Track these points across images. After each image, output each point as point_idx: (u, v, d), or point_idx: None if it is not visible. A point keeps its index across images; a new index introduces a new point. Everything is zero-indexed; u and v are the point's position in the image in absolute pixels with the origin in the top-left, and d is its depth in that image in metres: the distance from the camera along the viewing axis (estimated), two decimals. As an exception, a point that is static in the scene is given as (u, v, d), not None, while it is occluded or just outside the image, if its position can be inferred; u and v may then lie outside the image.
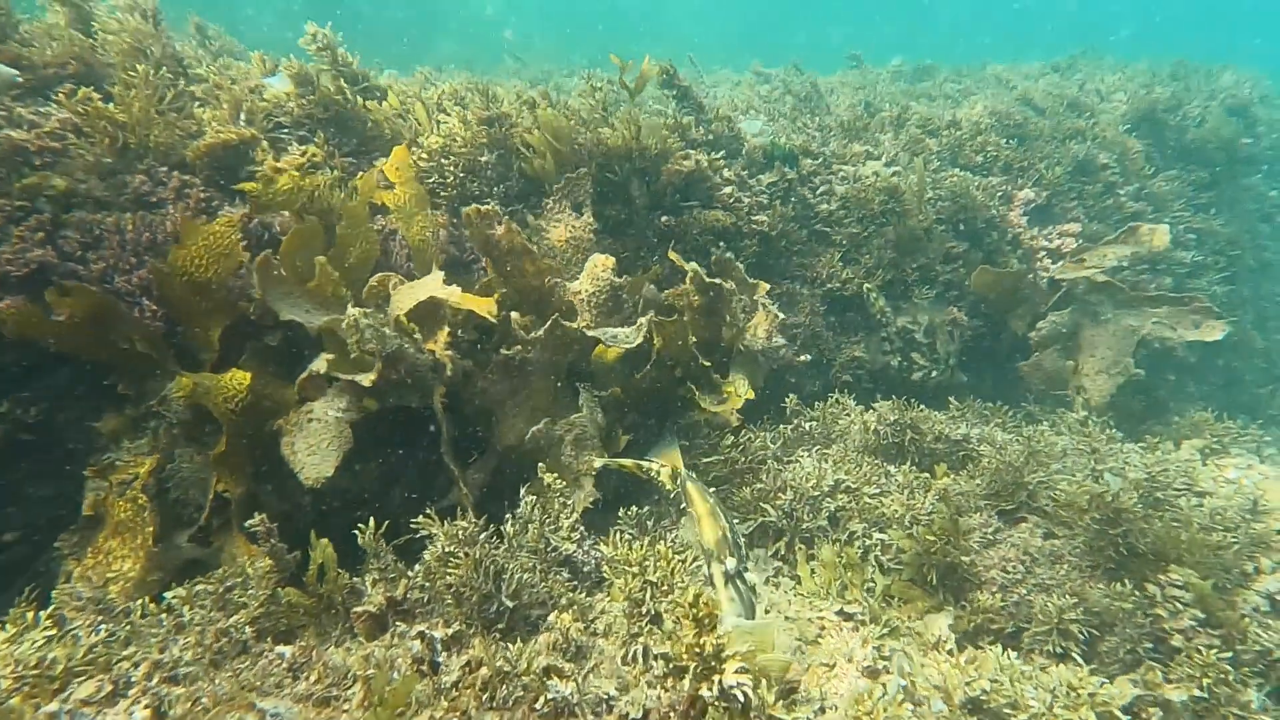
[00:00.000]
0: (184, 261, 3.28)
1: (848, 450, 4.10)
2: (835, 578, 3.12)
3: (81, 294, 3.13)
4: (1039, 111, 7.05)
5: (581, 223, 4.35)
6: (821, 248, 5.46)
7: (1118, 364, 5.32)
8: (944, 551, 3.24)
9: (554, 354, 4.11)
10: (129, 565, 3.33)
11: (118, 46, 3.87)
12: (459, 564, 2.65)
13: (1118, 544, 3.13)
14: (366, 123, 4.29)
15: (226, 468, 3.49)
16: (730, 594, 2.39)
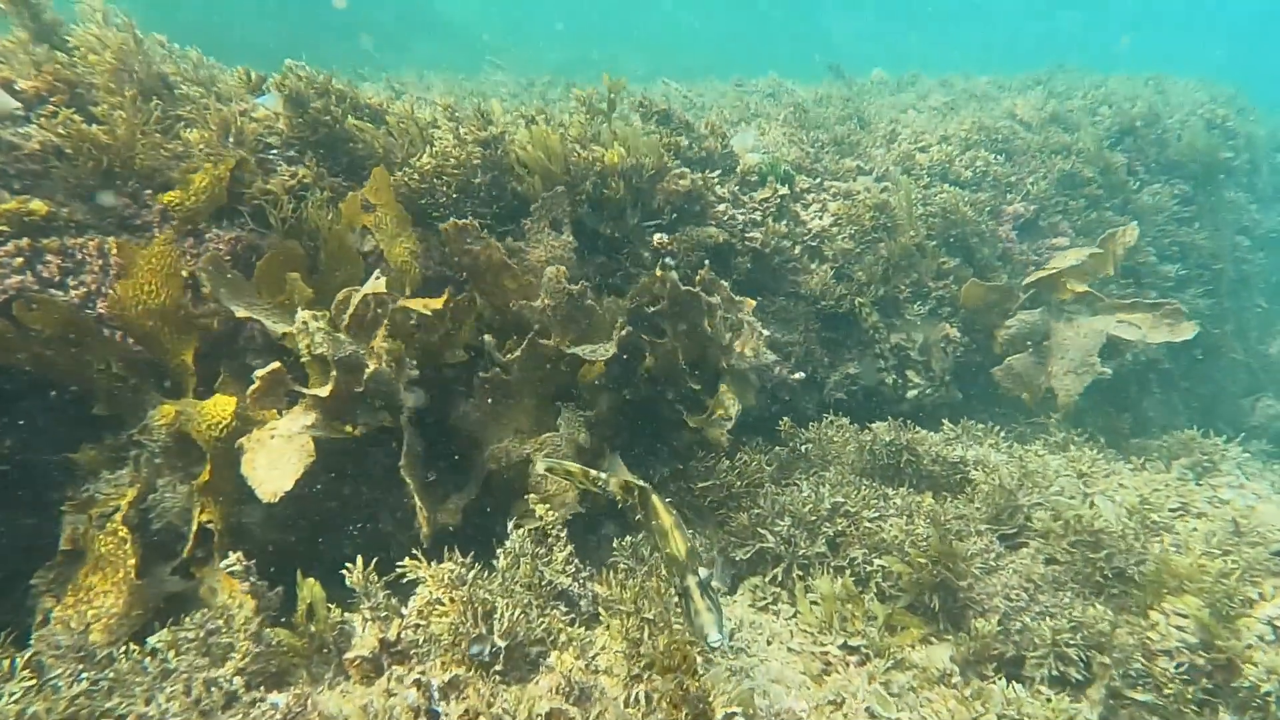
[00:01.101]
0: (133, 291, 3.20)
1: (845, 473, 4.08)
2: (835, 610, 3.09)
3: (50, 308, 3.04)
4: (1025, 126, 7.13)
5: (561, 242, 4.29)
6: (815, 264, 5.46)
7: (1085, 364, 5.36)
8: (939, 576, 3.24)
9: (535, 374, 4.05)
10: (111, 601, 3.23)
11: (101, 66, 3.76)
12: (446, 609, 2.59)
13: (1107, 570, 3.14)
14: (357, 142, 4.21)
15: (210, 497, 3.40)
16: (707, 604, 2.36)
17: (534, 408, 4.15)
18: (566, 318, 4.01)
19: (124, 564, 3.23)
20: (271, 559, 3.78)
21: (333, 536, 4.02)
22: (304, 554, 3.92)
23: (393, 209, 3.88)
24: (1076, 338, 5.52)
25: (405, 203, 4.19)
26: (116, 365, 3.32)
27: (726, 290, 4.66)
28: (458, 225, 3.92)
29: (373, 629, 2.58)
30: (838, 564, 3.61)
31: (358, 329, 3.41)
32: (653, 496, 2.53)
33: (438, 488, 4.20)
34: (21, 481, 3.37)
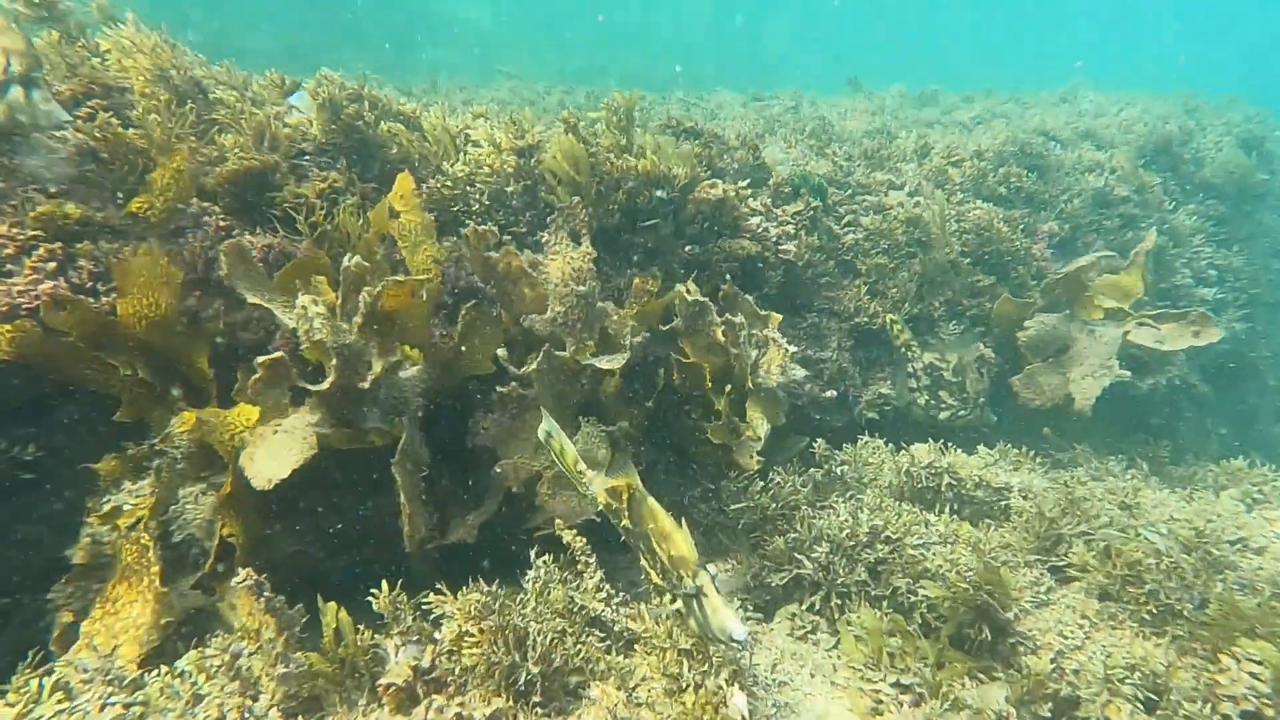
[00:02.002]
0: (133, 307, 3.11)
1: (883, 497, 3.96)
2: (883, 645, 2.97)
3: (78, 309, 2.96)
4: (1058, 142, 7.02)
5: (580, 253, 4.20)
6: (848, 280, 5.36)
7: (1104, 368, 5.23)
8: (984, 604, 3.11)
9: (554, 387, 3.96)
10: (138, 611, 3.14)
11: (136, 69, 3.72)
12: (476, 640, 2.49)
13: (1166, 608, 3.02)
14: (390, 148, 4.16)
15: (233, 510, 3.32)
16: (723, 599, 2.27)
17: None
18: (579, 322, 3.91)
19: (148, 572, 3.14)
20: (295, 575, 3.70)
21: (357, 553, 3.94)
22: (328, 570, 3.84)
23: (417, 215, 3.80)
24: (1096, 344, 5.40)
25: (437, 210, 4.13)
26: (142, 371, 3.25)
27: (751, 305, 4.56)
28: (477, 232, 3.85)
29: (404, 656, 2.48)
30: (879, 593, 3.49)
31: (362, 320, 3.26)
32: (648, 500, 2.42)
33: (455, 502, 4.12)
34: (46, 489, 3.30)
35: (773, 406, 4.48)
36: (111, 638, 2.88)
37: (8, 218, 2.99)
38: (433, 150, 4.23)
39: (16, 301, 2.96)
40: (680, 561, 2.31)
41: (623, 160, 4.52)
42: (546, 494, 3.72)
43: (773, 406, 4.48)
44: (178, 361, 3.40)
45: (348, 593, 3.83)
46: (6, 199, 3.01)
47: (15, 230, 3.00)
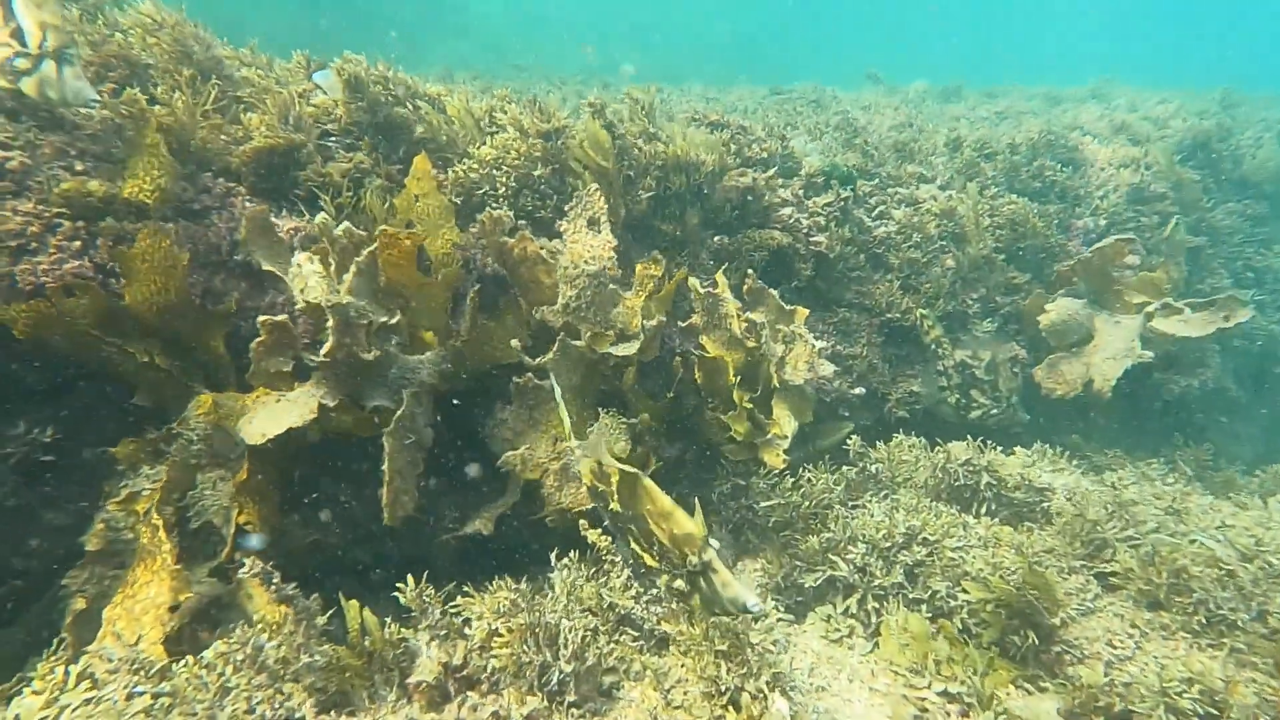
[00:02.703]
0: (141, 294, 3.02)
1: (919, 497, 3.84)
2: (929, 650, 2.86)
3: (88, 294, 2.88)
4: (1092, 136, 6.85)
5: (600, 241, 4.09)
6: (879, 274, 5.23)
7: (1126, 351, 5.07)
8: (1027, 608, 3.00)
9: (572, 377, 3.86)
10: (155, 590, 3.07)
11: (158, 46, 3.63)
12: (505, 640, 2.40)
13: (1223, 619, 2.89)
14: (415, 130, 4.05)
15: (249, 497, 3.24)
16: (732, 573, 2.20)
17: (575, 414, 3.95)
18: (591, 304, 3.81)
19: (160, 551, 3.06)
20: (314, 565, 3.63)
21: (376, 545, 3.86)
22: (348, 560, 3.77)
23: (436, 198, 3.69)
24: (1119, 332, 5.25)
25: (464, 194, 4.03)
26: (158, 357, 3.16)
27: (776, 299, 4.45)
28: (492, 217, 3.75)
29: (435, 652, 2.39)
30: (916, 596, 3.38)
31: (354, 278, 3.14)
32: (644, 479, 2.30)
33: (475, 493, 4.04)
34: (66, 473, 3.23)
35: (801, 403, 4.37)
36: (133, 621, 2.81)
37: (33, 195, 2.91)
38: (459, 134, 4.13)
39: (41, 280, 2.88)
40: (685, 539, 2.22)
41: (651, 146, 4.41)
42: (553, 486, 3.63)
43: (801, 403, 4.37)
44: (193, 345, 3.32)
45: (368, 583, 3.78)
46: (32, 175, 2.93)
47: (40, 208, 2.92)
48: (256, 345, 3.07)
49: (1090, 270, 5.33)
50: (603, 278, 3.84)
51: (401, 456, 3.18)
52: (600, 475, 2.39)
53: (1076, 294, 5.41)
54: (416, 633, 2.63)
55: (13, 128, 2.94)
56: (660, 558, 2.30)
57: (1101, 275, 5.36)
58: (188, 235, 3.29)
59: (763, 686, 2.36)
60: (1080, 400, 5.34)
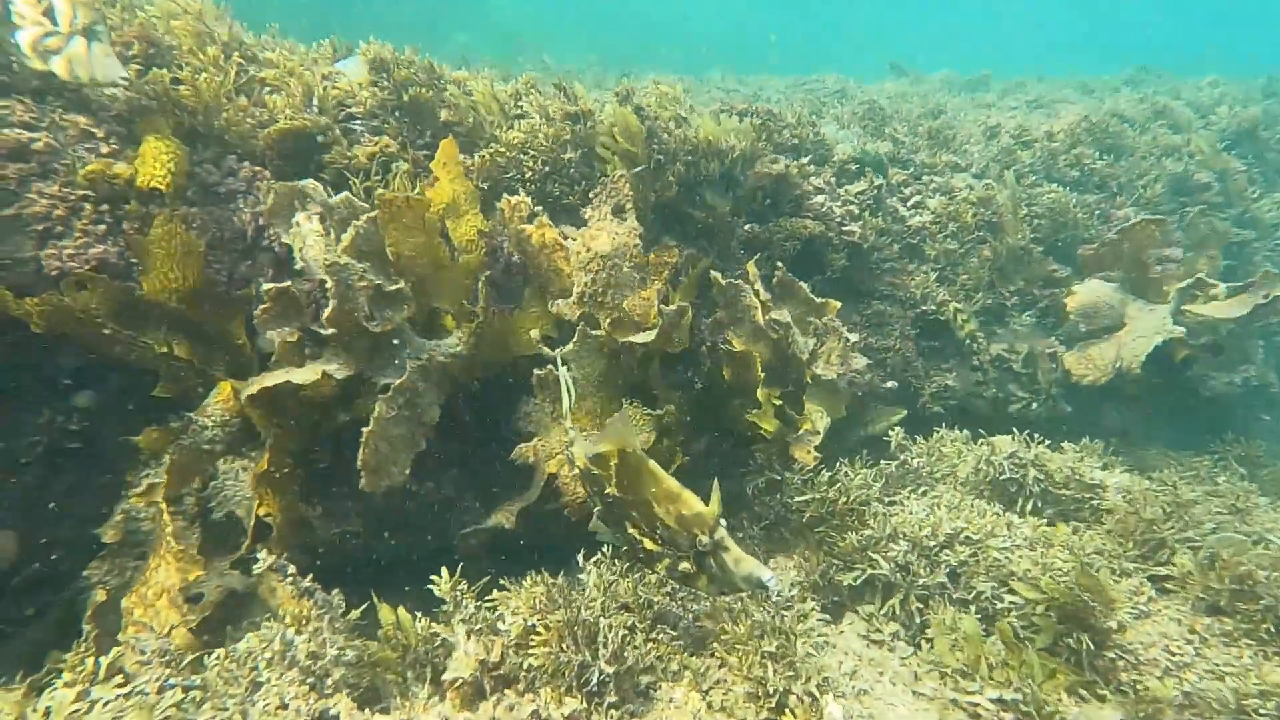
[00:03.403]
0: (158, 282, 2.94)
1: (963, 494, 3.70)
2: (982, 653, 2.73)
3: (101, 288, 2.81)
4: (1131, 124, 6.62)
5: (625, 228, 3.97)
6: (914, 264, 5.08)
7: (1158, 329, 4.89)
8: (1082, 612, 2.86)
9: (594, 368, 3.76)
10: (164, 574, 3.01)
11: (183, 28, 3.56)
12: (543, 639, 2.30)
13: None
14: (442, 113, 3.96)
15: (270, 488, 3.16)
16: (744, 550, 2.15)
17: (598, 406, 3.85)
18: (608, 288, 3.70)
19: (165, 534, 3.00)
20: (336, 558, 3.56)
21: (400, 536, 3.79)
22: (373, 553, 3.70)
23: (461, 183, 3.59)
24: (1153, 315, 5.05)
25: (491, 179, 3.93)
26: (178, 347, 3.09)
27: (805, 292, 4.32)
28: (511, 204, 3.65)
29: (472, 648, 2.30)
30: (960, 596, 3.25)
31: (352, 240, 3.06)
32: (648, 463, 2.20)
33: (500, 486, 3.96)
34: (91, 462, 3.18)
35: (834, 398, 4.24)
36: (148, 608, 2.75)
37: (59, 177, 2.85)
38: (485, 118, 4.03)
39: (67, 265, 2.82)
40: (695, 519, 2.14)
41: (681, 130, 4.28)
42: (570, 477, 3.53)
43: (834, 398, 4.24)
44: (213, 333, 3.25)
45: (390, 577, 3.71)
46: (58, 157, 2.87)
47: (65, 190, 2.86)
48: (260, 312, 2.99)
49: (1123, 256, 5.14)
50: (617, 258, 3.73)
51: (392, 425, 3.05)
52: (597, 459, 2.28)
53: (1108, 278, 5.22)
54: (450, 627, 2.55)
55: (38, 109, 2.87)
56: (664, 541, 2.21)
57: (1136, 263, 5.15)
58: (212, 220, 3.22)
59: (813, 689, 2.25)
60: (1117, 393, 5.17)
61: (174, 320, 3.10)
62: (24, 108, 2.84)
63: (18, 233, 2.75)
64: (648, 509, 2.20)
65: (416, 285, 3.38)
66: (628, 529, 2.26)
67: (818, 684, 2.32)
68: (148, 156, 3.01)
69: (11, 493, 3.02)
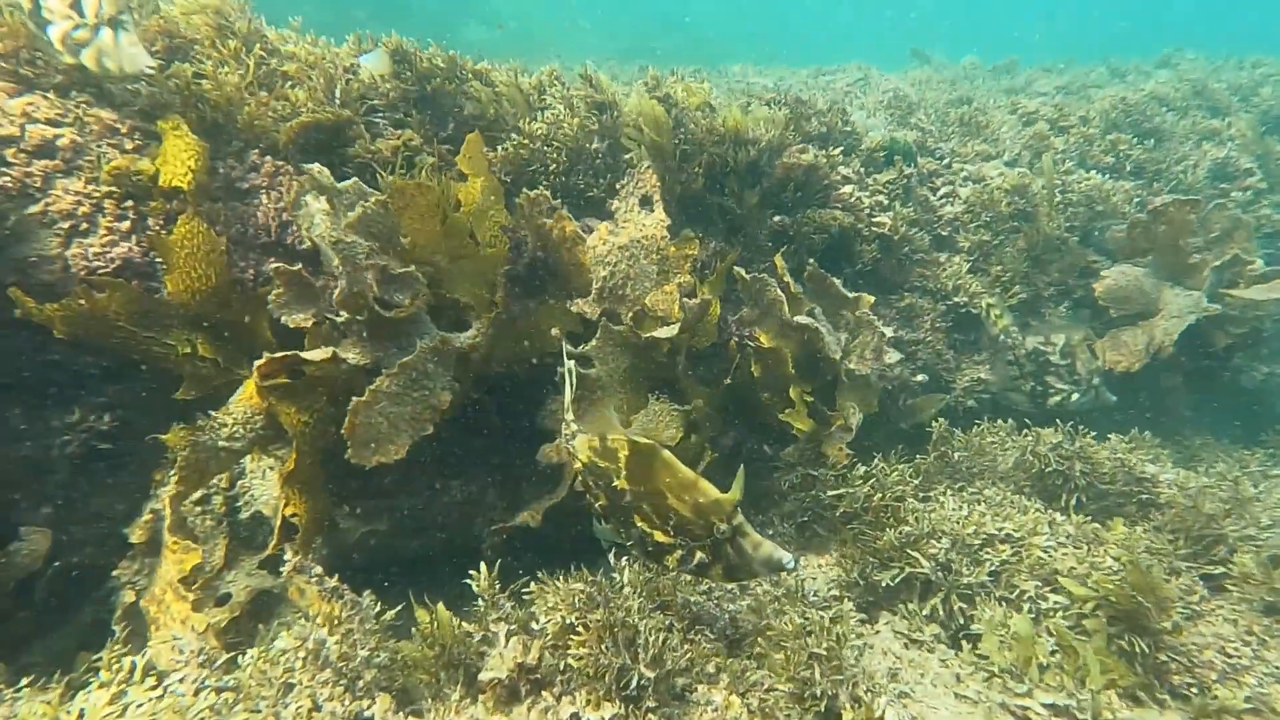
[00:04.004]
0: (182, 283, 2.89)
1: (1003, 489, 3.59)
2: (1033, 654, 2.63)
3: (120, 292, 2.78)
4: (1168, 107, 6.41)
5: (652, 220, 3.88)
6: (945, 255, 4.94)
7: (1192, 308, 4.72)
8: (1137, 613, 2.74)
9: (619, 364, 3.68)
10: (165, 568, 2.99)
11: (202, 23, 3.53)
12: (582, 638, 2.24)
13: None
14: (468, 101, 3.90)
15: (297, 487, 3.12)
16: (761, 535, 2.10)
17: (624, 402, 3.78)
18: (628, 280, 3.62)
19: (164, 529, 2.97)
20: (362, 557, 3.53)
21: (425, 535, 3.76)
22: (399, 550, 3.67)
23: (486, 178, 3.52)
24: (1188, 298, 4.88)
25: (514, 171, 3.86)
26: (202, 346, 3.05)
27: (837, 287, 4.21)
28: (530, 198, 3.58)
29: (510, 649, 2.24)
30: (1001, 595, 3.14)
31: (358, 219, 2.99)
32: (662, 453, 2.12)
33: (527, 484, 3.91)
34: (121, 460, 3.16)
35: (865, 393, 4.14)
36: (159, 604, 2.73)
37: (84, 173, 2.82)
38: (507, 110, 3.96)
39: (93, 264, 2.79)
40: (712, 507, 2.07)
41: (708, 121, 4.19)
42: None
43: (865, 393, 4.14)
44: (237, 331, 3.21)
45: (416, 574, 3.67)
46: (82, 154, 2.84)
47: (90, 187, 2.83)
48: (274, 296, 2.95)
49: (1156, 239, 4.96)
50: (635, 250, 3.66)
51: (393, 401, 2.97)
52: (604, 451, 2.20)
53: (1138, 262, 5.05)
54: (486, 626, 2.49)
55: (62, 104, 2.85)
56: (677, 532, 2.14)
57: (1170, 246, 4.96)
58: (235, 216, 3.19)
59: (861, 694, 2.17)
60: (1154, 384, 5.01)
61: (197, 319, 3.06)
62: (49, 104, 2.82)
63: (43, 230, 2.73)
64: (660, 500, 2.13)
65: (434, 275, 3.33)
66: (636, 522, 2.19)
67: (867, 688, 2.23)
68: (169, 154, 2.97)
69: (42, 491, 3.01)
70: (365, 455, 2.89)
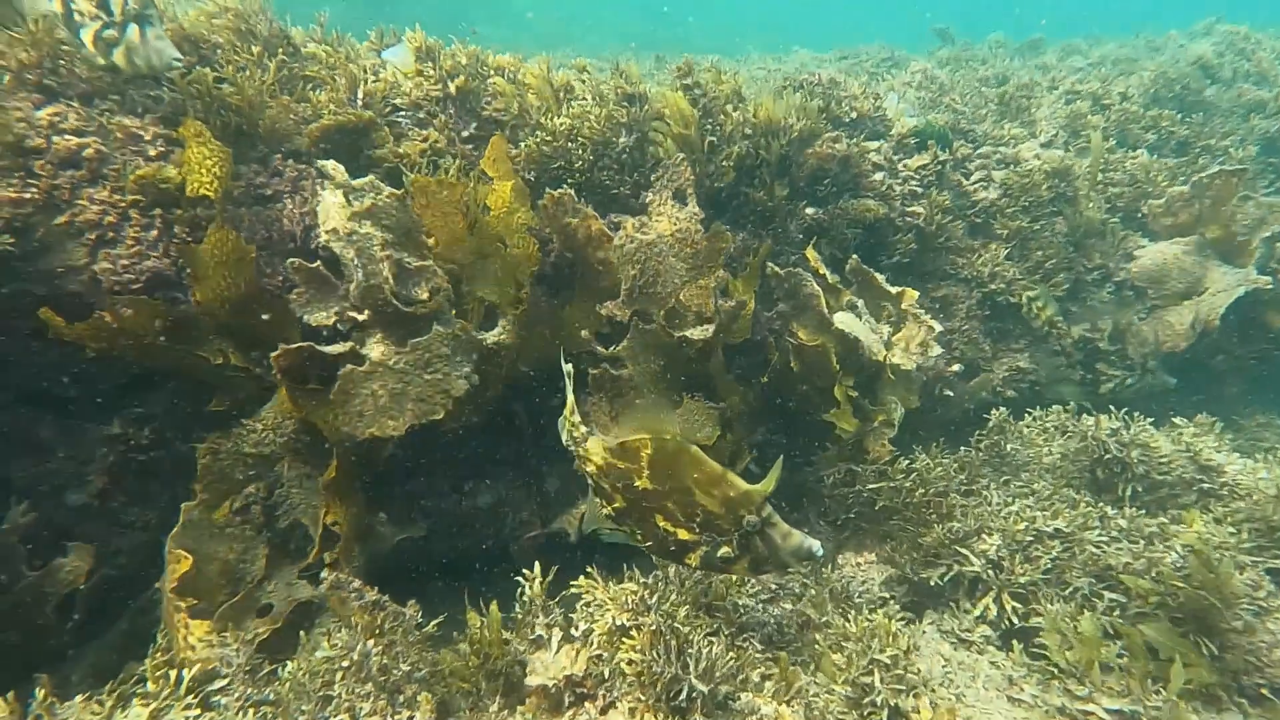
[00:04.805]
0: (212, 292, 2.86)
1: (1053, 482, 3.45)
2: (1096, 656, 2.51)
3: (146, 309, 2.76)
4: (1214, 80, 6.15)
5: (686, 214, 3.78)
6: (979, 242, 4.78)
7: (1240, 281, 4.53)
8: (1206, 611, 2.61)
9: (651, 365, 3.60)
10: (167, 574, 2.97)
11: (224, 25, 3.49)
12: (634, 642, 2.17)
13: None
14: (493, 99, 3.83)
15: (337, 495, 3.09)
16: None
17: (657, 403, 3.70)
18: (657, 277, 3.53)
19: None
20: (403, 562, 3.50)
21: (454, 538, 3.72)
22: (425, 554, 3.63)
23: (511, 179, 3.45)
24: (1232, 273, 4.66)
25: (537, 169, 3.79)
26: (234, 356, 3.02)
27: (880, 281, 4.09)
28: (554, 197, 3.51)
29: (561, 656, 2.18)
30: (1054, 593, 3.02)
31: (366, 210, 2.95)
32: (690, 449, 2.05)
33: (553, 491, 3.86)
34: (156, 470, 3.16)
35: (907, 387, 4.02)
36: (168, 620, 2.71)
37: (108, 182, 2.80)
38: (534, 105, 3.88)
39: (123, 278, 2.77)
40: (742, 500, 2.00)
41: (739, 114, 4.06)
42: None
43: (907, 387, 4.02)
44: (268, 340, 3.19)
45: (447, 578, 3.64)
46: (107, 162, 2.82)
47: (116, 196, 2.81)
48: (296, 295, 2.92)
49: (1200, 214, 4.74)
50: (663, 246, 3.57)
51: (396, 378, 2.92)
52: (624, 452, 2.12)
53: (1178, 241, 4.84)
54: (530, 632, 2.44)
55: (85, 113, 2.83)
56: (702, 528, 2.07)
57: (1216, 221, 4.74)
58: (260, 222, 3.15)
59: (924, 705, 2.08)
60: (1203, 367, 4.81)
61: (227, 328, 3.04)
62: (75, 113, 2.80)
63: (70, 241, 2.72)
64: (686, 496, 2.07)
65: (458, 274, 3.28)
66: (658, 522, 2.12)
67: (932, 700, 2.14)
68: (193, 163, 2.93)
69: (80, 503, 3.01)
70: (358, 426, 2.85)
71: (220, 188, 2.92)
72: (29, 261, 2.67)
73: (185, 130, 2.85)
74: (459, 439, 3.51)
